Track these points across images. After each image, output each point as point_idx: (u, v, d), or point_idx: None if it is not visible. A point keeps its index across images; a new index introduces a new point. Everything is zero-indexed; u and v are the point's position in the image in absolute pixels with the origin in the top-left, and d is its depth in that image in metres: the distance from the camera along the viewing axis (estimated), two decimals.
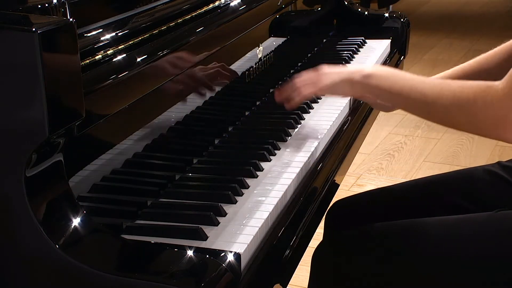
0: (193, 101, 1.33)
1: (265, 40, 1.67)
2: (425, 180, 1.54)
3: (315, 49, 2.08)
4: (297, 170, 1.25)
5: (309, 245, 1.22)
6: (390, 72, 1.31)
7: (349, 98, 1.64)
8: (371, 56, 2.01)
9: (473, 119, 1.15)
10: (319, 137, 1.42)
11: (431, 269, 1.25)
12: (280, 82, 1.77)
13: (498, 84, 1.12)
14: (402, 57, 2.20)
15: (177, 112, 1.27)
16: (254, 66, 1.59)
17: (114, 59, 1.04)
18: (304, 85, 1.38)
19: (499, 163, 1.48)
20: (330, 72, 1.37)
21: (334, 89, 1.36)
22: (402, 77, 1.27)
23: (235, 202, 1.13)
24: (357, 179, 3.14)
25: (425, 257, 1.27)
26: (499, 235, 1.23)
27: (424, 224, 1.31)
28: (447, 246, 1.26)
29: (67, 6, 0.97)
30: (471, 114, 1.15)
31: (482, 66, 1.48)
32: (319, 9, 2.16)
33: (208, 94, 1.38)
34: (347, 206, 1.54)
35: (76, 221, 0.91)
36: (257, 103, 1.62)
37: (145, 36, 1.15)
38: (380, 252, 1.32)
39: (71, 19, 0.87)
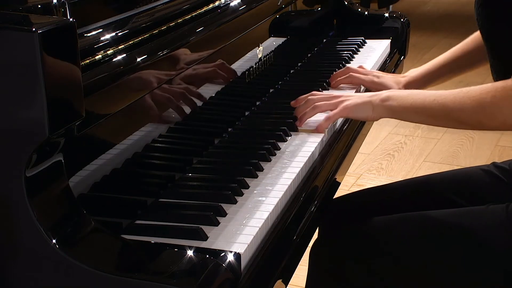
0: (193, 101, 1.33)
1: (265, 40, 1.67)
2: (421, 179, 1.57)
3: (315, 49, 2.08)
4: (297, 170, 1.25)
5: (309, 245, 1.22)
6: (406, 91, 1.40)
7: None
8: (371, 56, 2.01)
9: (500, 117, 1.24)
10: (320, 137, 1.41)
11: (426, 263, 1.27)
12: (280, 82, 1.77)
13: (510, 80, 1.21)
14: (402, 57, 2.20)
15: (177, 112, 1.27)
16: (254, 66, 1.59)
17: (114, 59, 1.04)
18: (324, 104, 1.45)
19: (493, 163, 1.52)
20: (351, 95, 1.44)
21: (356, 111, 1.41)
22: (420, 94, 1.35)
23: (235, 202, 1.13)
24: (357, 179, 3.14)
25: (419, 251, 1.29)
26: (490, 228, 1.26)
27: (418, 219, 1.34)
28: (441, 240, 1.29)
29: (67, 6, 0.97)
30: (497, 113, 1.23)
31: (458, 54, 1.68)
32: (319, 9, 2.16)
33: (208, 94, 1.38)
34: (342, 203, 1.56)
35: (76, 221, 0.91)
36: (257, 103, 1.62)
37: (145, 36, 1.15)
38: (376, 248, 1.34)
39: (71, 19, 0.87)
